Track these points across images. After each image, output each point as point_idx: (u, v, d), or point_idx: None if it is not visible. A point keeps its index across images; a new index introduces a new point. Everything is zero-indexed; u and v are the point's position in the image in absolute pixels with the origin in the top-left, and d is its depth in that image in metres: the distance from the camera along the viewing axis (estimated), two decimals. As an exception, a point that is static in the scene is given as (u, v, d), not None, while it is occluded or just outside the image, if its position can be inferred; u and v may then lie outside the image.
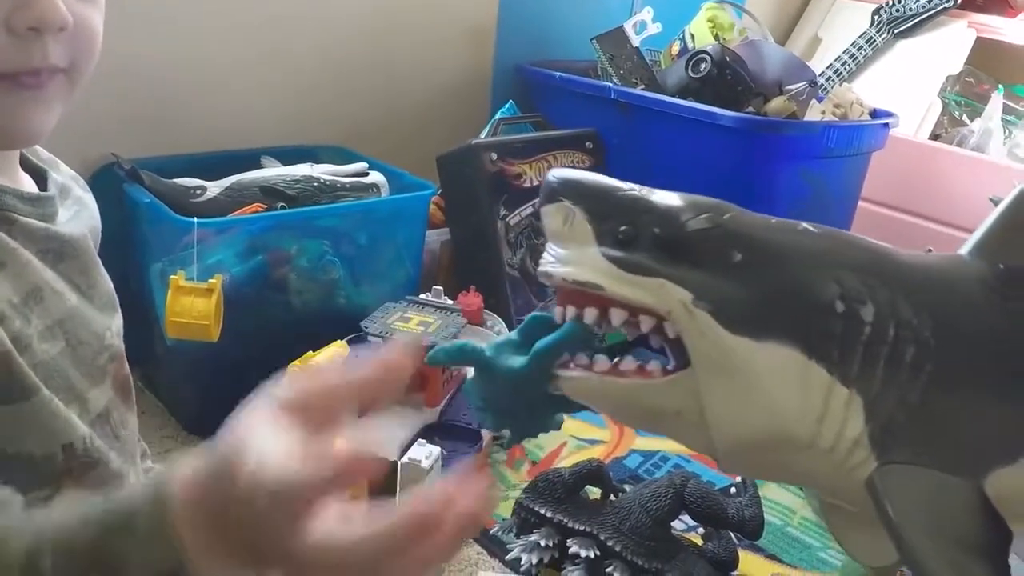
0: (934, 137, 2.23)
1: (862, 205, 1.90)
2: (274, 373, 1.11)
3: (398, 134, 1.75)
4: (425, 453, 1.06)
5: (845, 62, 2.22)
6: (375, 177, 1.47)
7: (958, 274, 0.77)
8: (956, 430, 0.72)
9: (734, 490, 1.12)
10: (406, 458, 1.06)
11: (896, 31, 2.27)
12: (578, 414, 1.39)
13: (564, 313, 0.75)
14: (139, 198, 1.28)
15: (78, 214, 0.78)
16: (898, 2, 2.26)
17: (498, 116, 1.79)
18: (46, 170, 0.77)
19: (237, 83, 1.56)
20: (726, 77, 1.66)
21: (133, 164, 1.34)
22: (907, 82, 2.23)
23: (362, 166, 1.50)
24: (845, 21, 2.44)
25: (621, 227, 0.71)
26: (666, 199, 0.73)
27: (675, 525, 1.09)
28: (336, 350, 1.11)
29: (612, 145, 1.75)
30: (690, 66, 1.68)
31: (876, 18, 2.28)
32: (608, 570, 0.99)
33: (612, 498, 1.10)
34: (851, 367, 0.69)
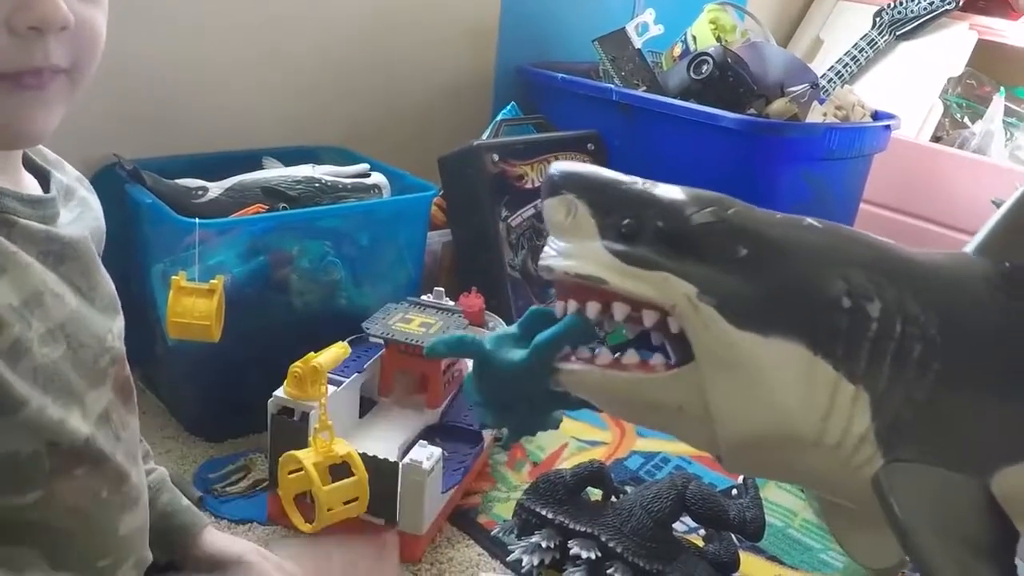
0: (935, 139, 2.23)
1: (863, 207, 1.90)
2: (275, 374, 1.12)
3: (400, 135, 1.75)
4: (426, 454, 1.06)
5: (847, 64, 2.22)
6: (377, 178, 1.47)
7: (963, 272, 0.77)
8: (963, 428, 0.72)
9: (735, 492, 1.12)
10: (407, 459, 1.06)
11: (898, 33, 2.27)
12: (579, 415, 1.41)
13: (565, 307, 0.74)
14: (141, 199, 1.28)
15: (81, 215, 0.78)
16: (900, 4, 2.26)
17: (500, 117, 1.79)
18: (49, 171, 0.77)
19: (239, 84, 1.56)
20: (728, 79, 1.66)
21: (135, 164, 1.34)
22: (909, 84, 2.23)
23: (364, 167, 1.50)
24: (847, 23, 2.44)
25: (624, 220, 0.71)
26: (669, 193, 0.72)
27: (676, 527, 1.09)
28: (337, 351, 1.11)
29: (614, 147, 1.75)
30: (692, 68, 1.68)
31: (878, 20, 2.28)
32: (609, 571, 0.98)
33: (613, 499, 1.10)
34: (858, 363, 0.68)
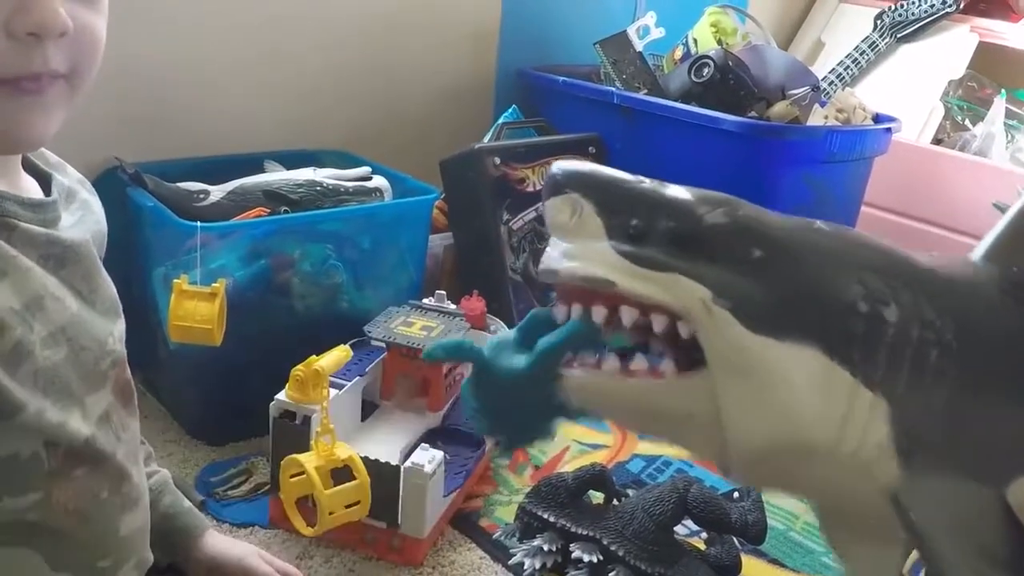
0: (936, 142, 2.23)
1: (865, 209, 1.90)
2: (277, 377, 1.12)
3: (401, 138, 1.75)
4: (428, 458, 1.06)
5: (848, 67, 2.22)
6: (378, 181, 1.47)
7: (974, 278, 0.75)
8: (979, 437, 0.70)
9: (737, 495, 1.12)
10: (409, 463, 1.06)
11: (899, 36, 2.27)
12: (581, 419, 1.40)
13: (568, 312, 0.71)
14: (142, 202, 1.29)
15: (82, 218, 0.78)
16: (901, 7, 2.27)
17: (501, 121, 1.79)
18: (50, 174, 0.77)
19: (240, 87, 1.56)
20: (729, 82, 1.67)
21: (136, 168, 1.34)
22: (910, 86, 2.23)
23: (365, 170, 1.50)
24: (848, 25, 2.44)
25: (633, 221, 0.68)
26: (677, 192, 0.70)
27: (678, 530, 1.09)
28: (339, 354, 1.11)
29: (615, 150, 1.75)
30: (693, 71, 1.68)
31: (879, 23, 2.28)
32: (611, 575, 0.99)
33: (615, 503, 1.10)
34: (875, 369, 0.66)
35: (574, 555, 1.00)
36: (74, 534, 0.71)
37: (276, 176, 1.43)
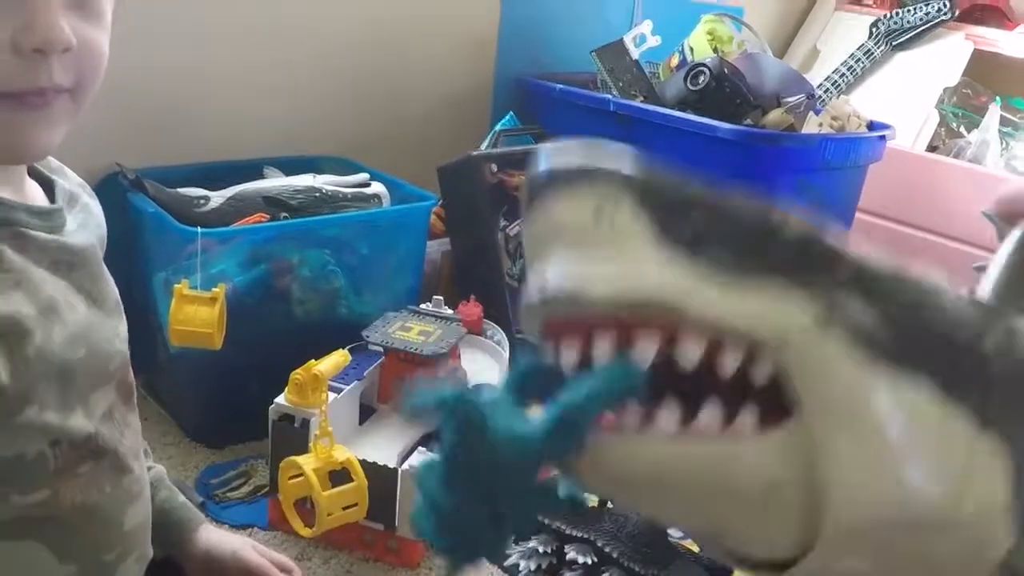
0: (931, 149, 2.25)
1: (859, 216, 1.92)
2: (276, 381, 1.13)
3: (400, 145, 1.76)
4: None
5: (843, 74, 2.24)
6: (376, 188, 1.49)
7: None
8: None
9: (730, 498, 1.13)
10: (406, 465, 1.07)
11: (894, 43, 2.29)
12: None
13: (580, 357, 0.50)
14: (143, 207, 1.30)
15: (85, 222, 0.80)
16: (896, 15, 2.28)
17: (498, 128, 1.81)
18: (53, 180, 0.78)
19: (240, 94, 1.57)
20: (724, 90, 1.68)
21: (137, 174, 1.35)
22: (905, 94, 2.25)
23: (364, 177, 1.51)
24: (844, 33, 2.45)
25: (691, 221, 0.48)
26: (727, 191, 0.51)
27: (673, 532, 1.11)
28: (337, 359, 1.13)
29: (611, 156, 1.76)
30: (689, 79, 1.70)
31: (874, 30, 2.30)
32: (605, 576, 1.00)
33: (609, 505, 1.11)
34: (991, 411, 0.51)
35: (569, 557, 1.02)
36: (80, 528, 0.73)
37: (275, 182, 1.45)
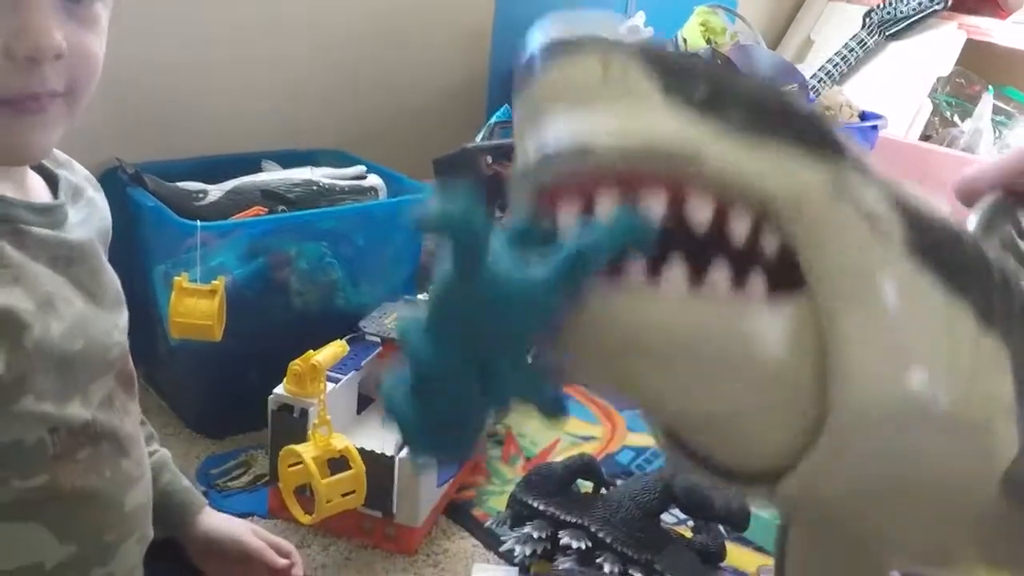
0: (924, 138, 2.26)
1: (852, 205, 1.93)
2: (275, 372, 1.15)
3: (396, 138, 1.78)
4: (422, 449, 1.09)
5: (837, 64, 2.25)
6: (373, 180, 1.50)
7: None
8: None
9: (722, 484, 1.15)
10: (403, 453, 1.09)
11: (887, 33, 2.30)
12: (570, 411, 1.43)
13: (589, 214, 0.44)
14: (143, 201, 1.31)
15: (88, 216, 0.81)
16: (889, 5, 2.29)
17: (494, 120, 1.81)
18: (57, 175, 0.80)
19: (238, 89, 1.59)
20: (717, 80, 1.69)
21: (136, 168, 1.37)
22: (898, 84, 2.26)
23: (360, 169, 1.53)
24: (837, 24, 2.46)
25: (699, 84, 0.45)
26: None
27: (666, 518, 1.12)
28: (336, 349, 1.14)
29: (606, 147, 1.77)
30: (682, 70, 1.71)
31: (867, 20, 2.30)
32: (599, 561, 1.02)
33: (603, 491, 1.13)
34: (992, 312, 0.49)
35: (563, 542, 1.03)
36: (80, 510, 0.76)
37: (273, 176, 1.46)
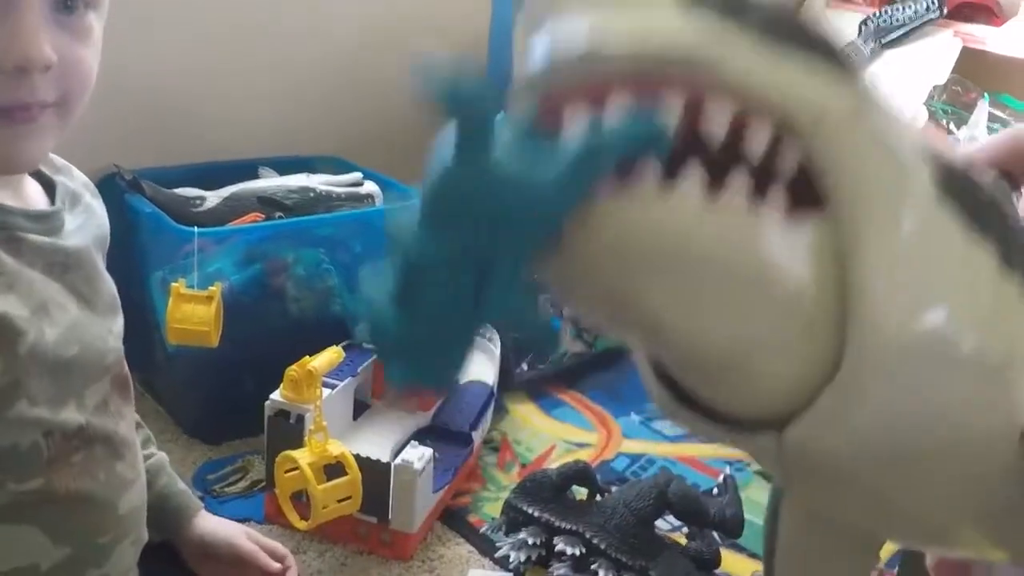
0: (920, 145, 2.26)
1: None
2: (271, 378, 1.15)
3: (392, 145, 1.78)
4: (417, 455, 1.10)
5: (833, 72, 2.25)
6: (370, 187, 1.51)
7: None
8: None
9: (716, 491, 1.16)
10: (399, 459, 1.09)
11: (883, 41, 2.31)
12: (565, 416, 1.44)
13: (597, 113, 0.40)
14: (140, 208, 1.32)
15: (85, 222, 0.82)
16: (885, 13, 2.30)
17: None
18: (55, 181, 0.81)
19: (236, 96, 1.59)
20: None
21: (134, 174, 1.37)
22: (894, 91, 2.25)
23: (357, 176, 1.53)
24: (834, 31, 2.47)
25: None
26: None
27: (661, 525, 1.13)
28: (332, 355, 1.15)
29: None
30: (678, 77, 1.72)
31: (863, 28, 2.31)
32: (593, 567, 1.02)
33: (598, 498, 1.14)
34: (1012, 256, 0.45)
35: (558, 548, 1.04)
36: (75, 513, 0.76)
37: (270, 182, 1.47)
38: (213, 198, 1.40)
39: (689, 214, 0.39)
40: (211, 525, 0.99)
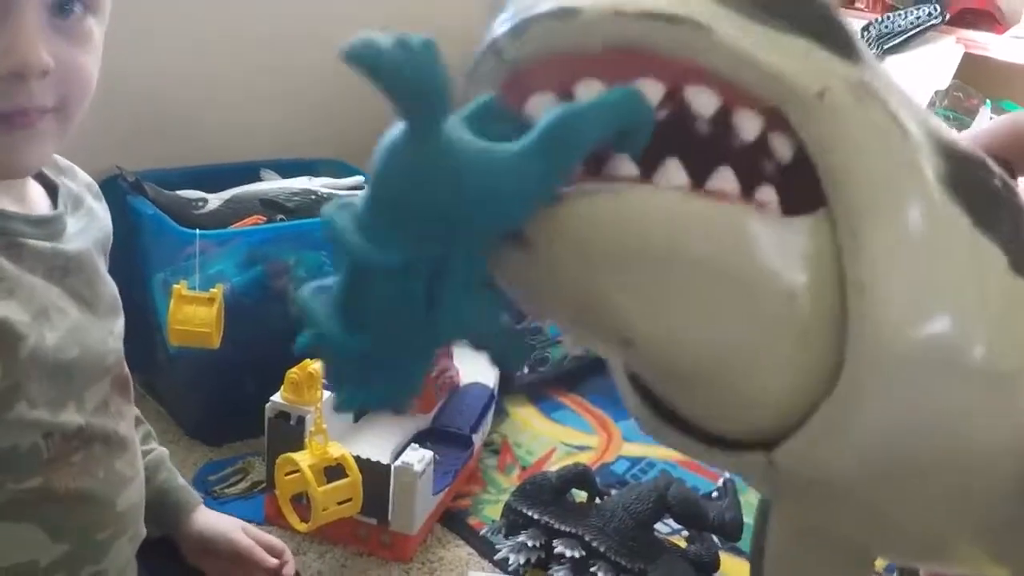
0: (922, 151, 2.27)
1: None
2: (272, 379, 1.16)
3: (395, 147, 1.78)
4: (417, 457, 1.10)
5: (834, 77, 2.26)
6: (371, 190, 1.51)
7: None
8: None
9: (716, 494, 1.16)
10: (399, 462, 1.10)
11: (885, 47, 2.31)
12: (565, 419, 1.45)
13: (567, 93, 0.37)
14: (143, 210, 1.32)
15: (87, 225, 0.83)
16: (887, 19, 2.30)
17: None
18: (57, 185, 0.81)
19: (238, 99, 1.60)
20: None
21: (137, 176, 1.38)
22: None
23: (358, 179, 1.53)
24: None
25: None
26: None
27: (660, 528, 1.13)
28: (332, 358, 1.15)
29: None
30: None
31: (865, 34, 2.32)
32: (592, 570, 1.02)
33: (598, 501, 1.14)
34: (1022, 252, 0.41)
35: (557, 551, 1.04)
36: (73, 510, 0.77)
37: (272, 185, 1.47)
38: (215, 200, 1.40)
39: (668, 209, 0.35)
40: (210, 520, 1.01)
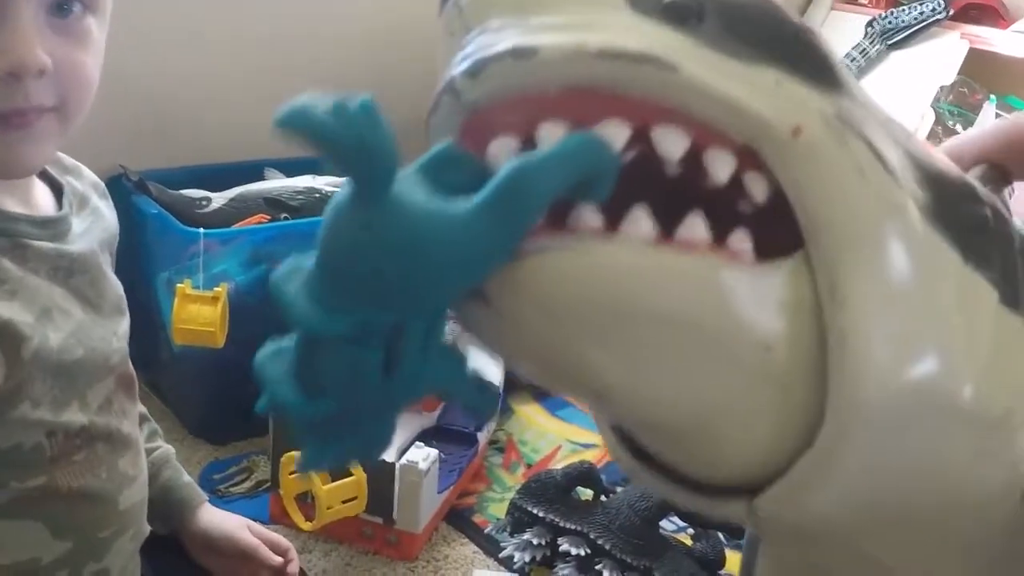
0: (927, 147, 2.26)
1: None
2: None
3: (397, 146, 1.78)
4: (422, 455, 1.10)
5: (839, 73, 2.25)
6: (375, 188, 1.51)
7: None
8: None
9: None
10: (404, 460, 1.09)
11: (889, 42, 2.30)
12: (571, 416, 1.44)
13: (518, 147, 0.36)
14: (146, 209, 1.32)
15: (92, 225, 0.83)
16: (891, 14, 2.30)
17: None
18: (63, 184, 0.81)
19: (241, 98, 1.59)
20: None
21: (140, 176, 1.38)
22: (900, 92, 2.26)
23: (362, 177, 1.53)
24: (839, 32, 2.47)
25: None
26: None
27: (666, 526, 1.13)
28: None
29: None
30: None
31: (869, 30, 2.31)
32: (598, 568, 1.02)
33: (603, 498, 1.14)
34: (1017, 289, 0.40)
35: (562, 548, 1.04)
36: (76, 508, 0.77)
37: (276, 183, 1.47)
38: (219, 199, 1.40)
39: (634, 265, 0.33)
40: (215, 518, 1.01)
